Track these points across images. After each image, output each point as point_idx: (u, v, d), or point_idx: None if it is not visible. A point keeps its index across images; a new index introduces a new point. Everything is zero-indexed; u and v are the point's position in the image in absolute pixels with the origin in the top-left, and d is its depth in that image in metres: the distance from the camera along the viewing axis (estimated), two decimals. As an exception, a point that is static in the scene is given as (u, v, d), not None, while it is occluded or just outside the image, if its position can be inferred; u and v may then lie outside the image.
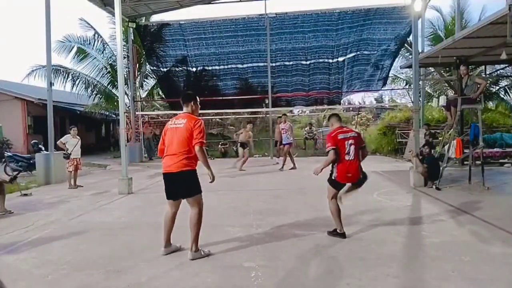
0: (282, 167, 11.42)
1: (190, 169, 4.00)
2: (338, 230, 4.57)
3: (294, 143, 12.87)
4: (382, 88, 16.70)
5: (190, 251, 3.99)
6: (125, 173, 8.26)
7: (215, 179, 4.19)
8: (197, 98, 4.28)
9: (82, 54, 17.39)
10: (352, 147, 4.42)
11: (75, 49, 17.23)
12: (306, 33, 15.92)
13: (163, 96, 19.28)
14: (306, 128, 18.69)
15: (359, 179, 4.51)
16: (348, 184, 4.56)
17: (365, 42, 15.59)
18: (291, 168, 11.37)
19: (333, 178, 4.51)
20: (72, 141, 9.31)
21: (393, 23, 15.08)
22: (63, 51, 17.06)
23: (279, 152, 12.82)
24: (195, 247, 4.01)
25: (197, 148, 3.91)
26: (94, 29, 17.55)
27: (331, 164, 4.49)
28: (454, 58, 9.58)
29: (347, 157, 4.40)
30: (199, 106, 4.31)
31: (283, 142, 11.58)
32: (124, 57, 14.58)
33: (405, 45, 16.21)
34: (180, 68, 17.22)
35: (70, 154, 9.23)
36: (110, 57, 17.81)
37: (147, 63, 17.93)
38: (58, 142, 9.35)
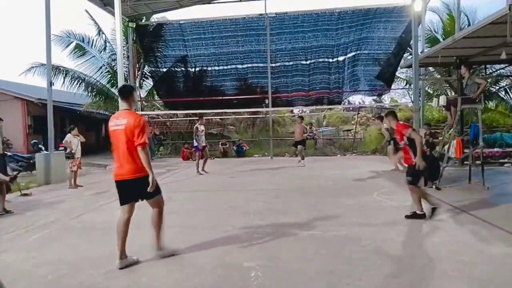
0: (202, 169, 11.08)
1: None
2: None
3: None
4: (391, 88, 16.64)
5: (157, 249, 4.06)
6: (125, 173, 8.24)
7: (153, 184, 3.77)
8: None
9: (80, 51, 17.33)
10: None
11: (73, 45, 17.11)
12: (306, 33, 15.92)
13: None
14: (306, 128, 18.69)
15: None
16: None
17: (365, 41, 15.59)
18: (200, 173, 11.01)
19: None
20: (74, 141, 9.31)
21: (393, 22, 15.08)
22: (60, 44, 16.97)
23: (300, 152, 12.57)
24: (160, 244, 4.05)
25: (139, 149, 3.68)
26: (98, 24, 17.49)
27: None
28: (454, 58, 9.58)
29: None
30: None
31: (203, 144, 10.99)
32: (124, 57, 14.56)
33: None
34: (180, 69, 17.20)
35: (75, 153, 9.24)
36: (109, 56, 17.78)
37: (146, 63, 17.90)
38: (64, 143, 9.33)
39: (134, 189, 3.79)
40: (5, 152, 8.65)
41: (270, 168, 12.06)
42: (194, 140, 10.96)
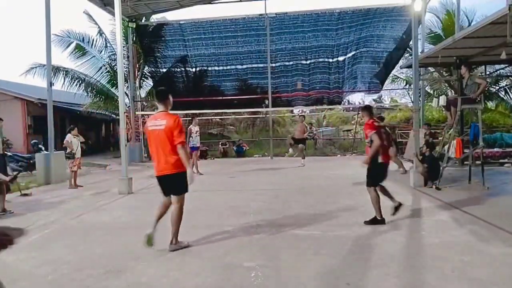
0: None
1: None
2: None
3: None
4: (383, 88, 16.66)
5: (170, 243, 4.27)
6: (125, 173, 8.26)
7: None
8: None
9: (80, 51, 17.31)
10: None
11: (73, 45, 17.05)
12: (306, 33, 15.92)
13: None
14: (307, 127, 18.70)
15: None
16: None
17: (365, 40, 15.60)
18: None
19: None
20: (74, 141, 9.32)
21: (392, 21, 15.08)
22: (60, 45, 16.93)
23: (300, 152, 12.54)
24: (175, 240, 4.30)
25: (178, 147, 4.05)
26: (98, 25, 17.48)
27: None
28: (454, 58, 9.57)
29: None
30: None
31: (197, 145, 10.97)
32: (124, 57, 14.56)
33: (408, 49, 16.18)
34: (180, 69, 17.19)
35: (75, 153, 9.24)
36: (109, 56, 17.76)
37: (146, 64, 17.89)
38: (65, 143, 9.32)
39: (170, 183, 4.17)
40: (5, 152, 8.65)
41: (270, 168, 12.06)
42: (189, 142, 10.87)
